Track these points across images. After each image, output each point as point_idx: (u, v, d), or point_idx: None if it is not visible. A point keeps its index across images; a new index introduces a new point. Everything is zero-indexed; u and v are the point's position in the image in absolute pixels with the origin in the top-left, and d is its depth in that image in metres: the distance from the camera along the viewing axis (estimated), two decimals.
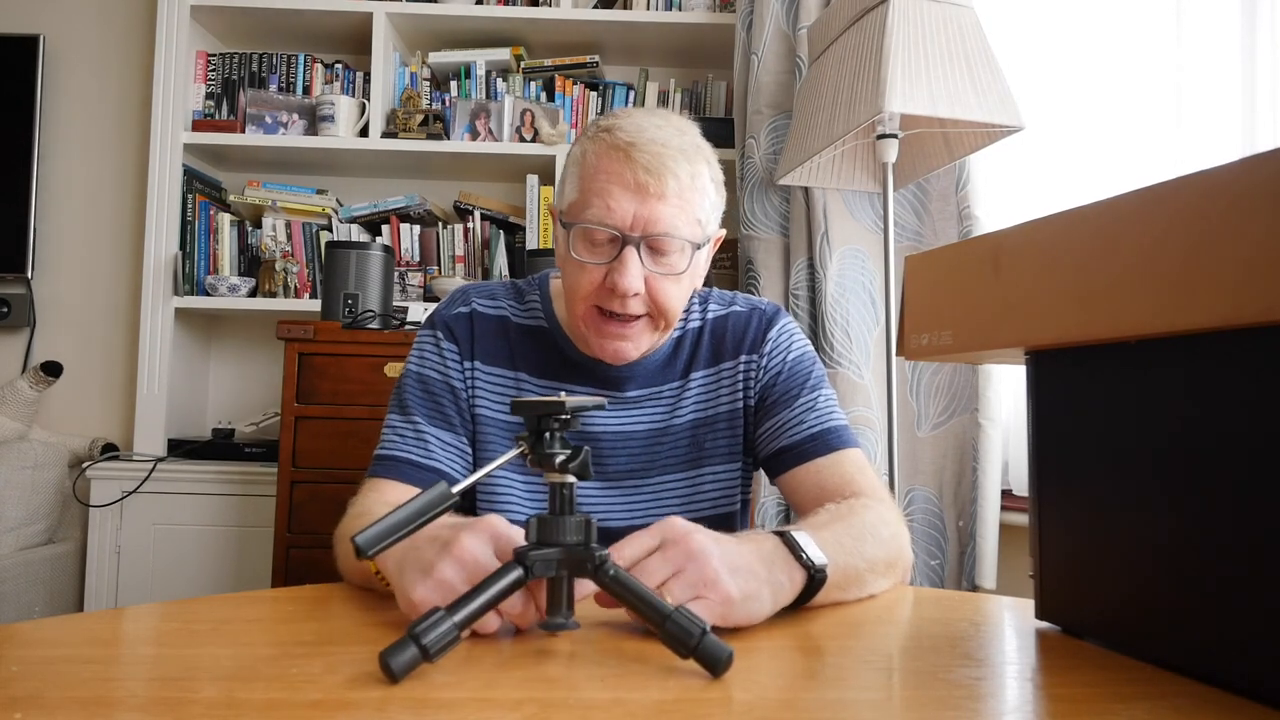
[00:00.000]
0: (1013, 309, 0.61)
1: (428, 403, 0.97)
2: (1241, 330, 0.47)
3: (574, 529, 0.57)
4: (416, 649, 0.50)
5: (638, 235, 0.87)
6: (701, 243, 0.92)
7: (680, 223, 0.88)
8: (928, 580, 1.83)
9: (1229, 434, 0.51)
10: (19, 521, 2.05)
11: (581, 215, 0.89)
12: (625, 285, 0.87)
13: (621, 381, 1.00)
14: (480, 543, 0.60)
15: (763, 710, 0.48)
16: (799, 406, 0.99)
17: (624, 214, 0.87)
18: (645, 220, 0.87)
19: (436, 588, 0.58)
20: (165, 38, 2.31)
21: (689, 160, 0.88)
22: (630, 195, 0.87)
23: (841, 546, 0.73)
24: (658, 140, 0.87)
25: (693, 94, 2.49)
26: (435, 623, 0.52)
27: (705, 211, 0.92)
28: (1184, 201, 0.50)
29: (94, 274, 2.48)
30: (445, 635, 0.51)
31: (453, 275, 2.36)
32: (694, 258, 0.91)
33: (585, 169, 0.90)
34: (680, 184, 0.87)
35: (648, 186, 0.86)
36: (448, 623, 0.52)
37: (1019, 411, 1.74)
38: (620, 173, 0.87)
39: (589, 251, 0.89)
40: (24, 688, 0.49)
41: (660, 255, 0.89)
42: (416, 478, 0.92)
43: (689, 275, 0.93)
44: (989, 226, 1.79)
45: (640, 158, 0.86)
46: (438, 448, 0.95)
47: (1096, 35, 1.71)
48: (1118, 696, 0.51)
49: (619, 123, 0.89)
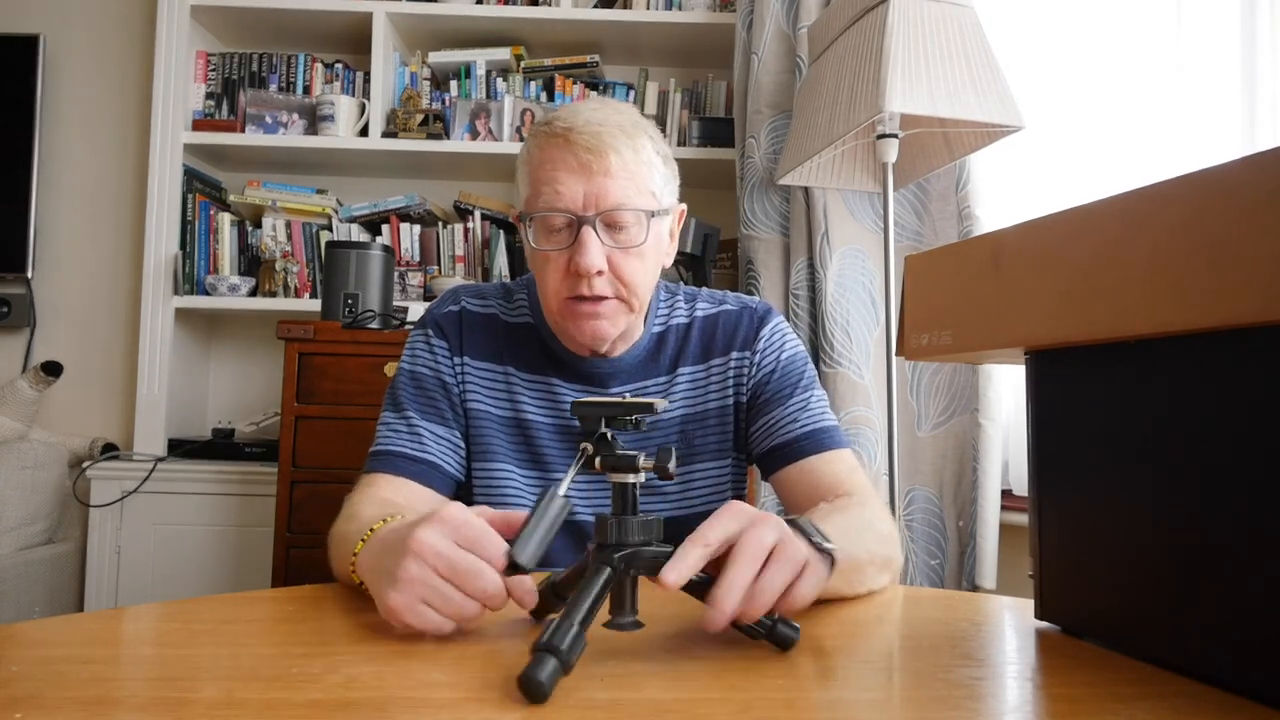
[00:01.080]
0: (1013, 309, 0.62)
1: (420, 398, 0.99)
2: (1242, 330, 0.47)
3: (648, 529, 0.57)
4: (554, 659, 0.49)
5: (592, 213, 0.89)
6: (656, 211, 0.93)
7: (630, 194, 0.90)
8: (928, 580, 1.83)
9: (1229, 434, 0.51)
10: (19, 521, 2.05)
11: (536, 205, 0.92)
12: (587, 264, 0.89)
13: (604, 377, 1.01)
14: (436, 534, 0.60)
15: (763, 710, 0.48)
16: (793, 405, 0.99)
17: (573, 195, 0.89)
18: (595, 197, 0.89)
19: (406, 587, 0.58)
20: (165, 38, 2.31)
21: (628, 135, 0.90)
22: (576, 176, 0.89)
23: (846, 536, 0.72)
24: (594, 121, 0.89)
25: (693, 94, 2.49)
26: (558, 629, 0.50)
27: (656, 184, 0.93)
28: (1184, 201, 0.50)
29: (94, 274, 2.48)
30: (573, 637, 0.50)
31: (453, 275, 2.36)
32: (650, 227, 0.93)
33: (531, 163, 0.93)
34: (623, 159, 0.89)
35: (590, 165, 0.88)
36: (571, 627, 0.51)
37: (1019, 411, 1.74)
38: (563, 158, 0.89)
39: (548, 239, 0.92)
40: (24, 688, 0.49)
41: (617, 230, 0.91)
42: (411, 470, 0.93)
43: (651, 249, 0.94)
44: (989, 226, 1.79)
45: (580, 139, 0.88)
46: (431, 441, 0.96)
47: (1096, 35, 1.71)
48: (1118, 696, 0.51)
49: (557, 114, 0.92)
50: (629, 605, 0.58)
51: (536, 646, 0.50)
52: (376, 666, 0.54)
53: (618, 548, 0.56)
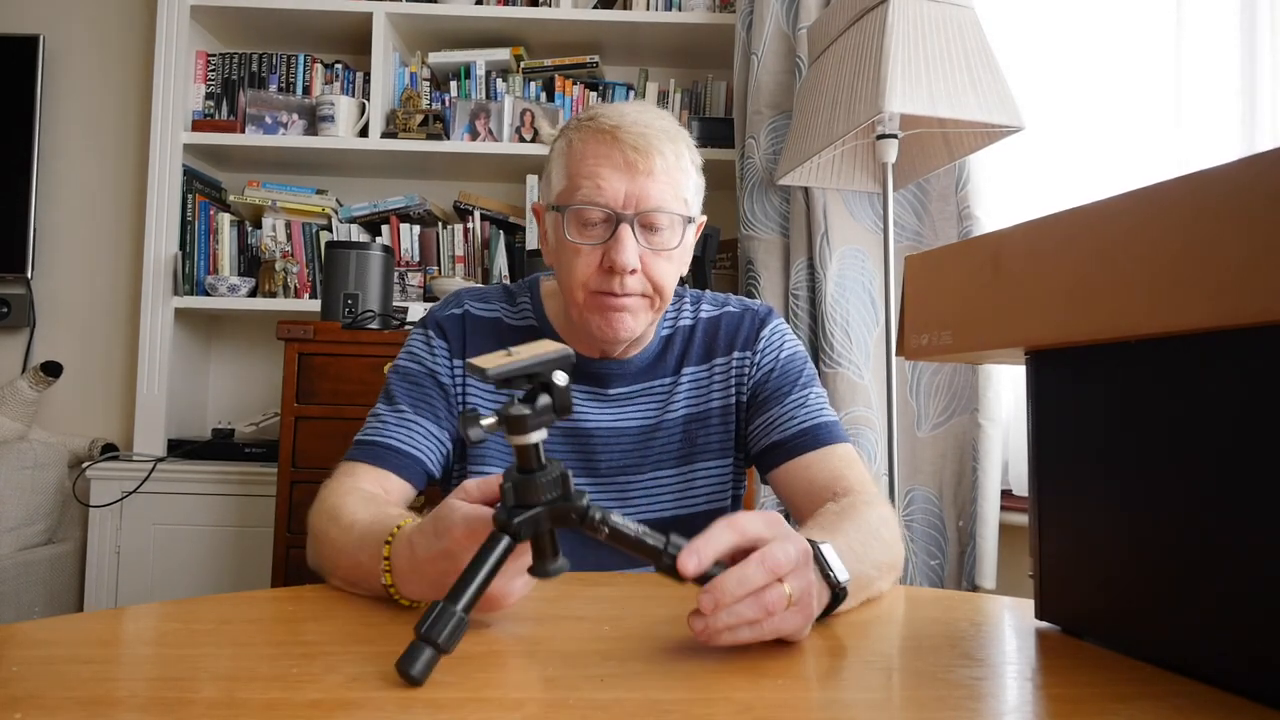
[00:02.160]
0: (1013, 309, 0.62)
1: (414, 392, 0.98)
2: (1241, 330, 0.47)
3: (551, 486, 0.55)
4: (430, 648, 0.50)
5: (630, 212, 0.90)
6: (691, 218, 0.95)
7: (669, 198, 0.91)
8: (928, 580, 1.83)
9: (1229, 434, 0.51)
10: (19, 521, 2.05)
11: (574, 198, 0.91)
12: (623, 261, 0.89)
13: (610, 379, 1.01)
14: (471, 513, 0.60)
15: (762, 710, 0.48)
16: (790, 403, 1.00)
17: (615, 192, 0.89)
18: (637, 197, 0.89)
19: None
20: (165, 38, 2.31)
21: (672, 140, 0.92)
22: (620, 174, 0.89)
23: (854, 554, 0.72)
24: (641, 122, 0.90)
25: (693, 94, 2.49)
26: (439, 616, 0.51)
27: (689, 191, 0.95)
28: (1184, 201, 0.50)
29: (94, 274, 2.48)
30: (454, 625, 0.51)
31: (452, 275, 2.36)
32: (684, 235, 0.94)
33: (572, 156, 0.92)
34: (666, 162, 0.90)
35: (636, 164, 0.89)
36: (450, 612, 0.51)
37: (1019, 411, 1.74)
38: (609, 154, 0.89)
39: (582, 234, 0.91)
40: (24, 688, 0.49)
41: (653, 232, 0.92)
42: (394, 463, 0.92)
43: (680, 253, 0.95)
44: (989, 226, 1.79)
45: (627, 138, 0.89)
46: (420, 434, 0.95)
47: (1096, 35, 1.71)
48: (1118, 696, 0.51)
49: (601, 111, 0.92)
50: (550, 552, 0.56)
51: (417, 633, 0.50)
52: (376, 666, 0.54)
53: (518, 510, 0.55)
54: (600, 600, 0.75)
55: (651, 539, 0.57)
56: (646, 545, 0.57)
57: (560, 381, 0.54)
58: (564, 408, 0.55)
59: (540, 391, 0.54)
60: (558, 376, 0.54)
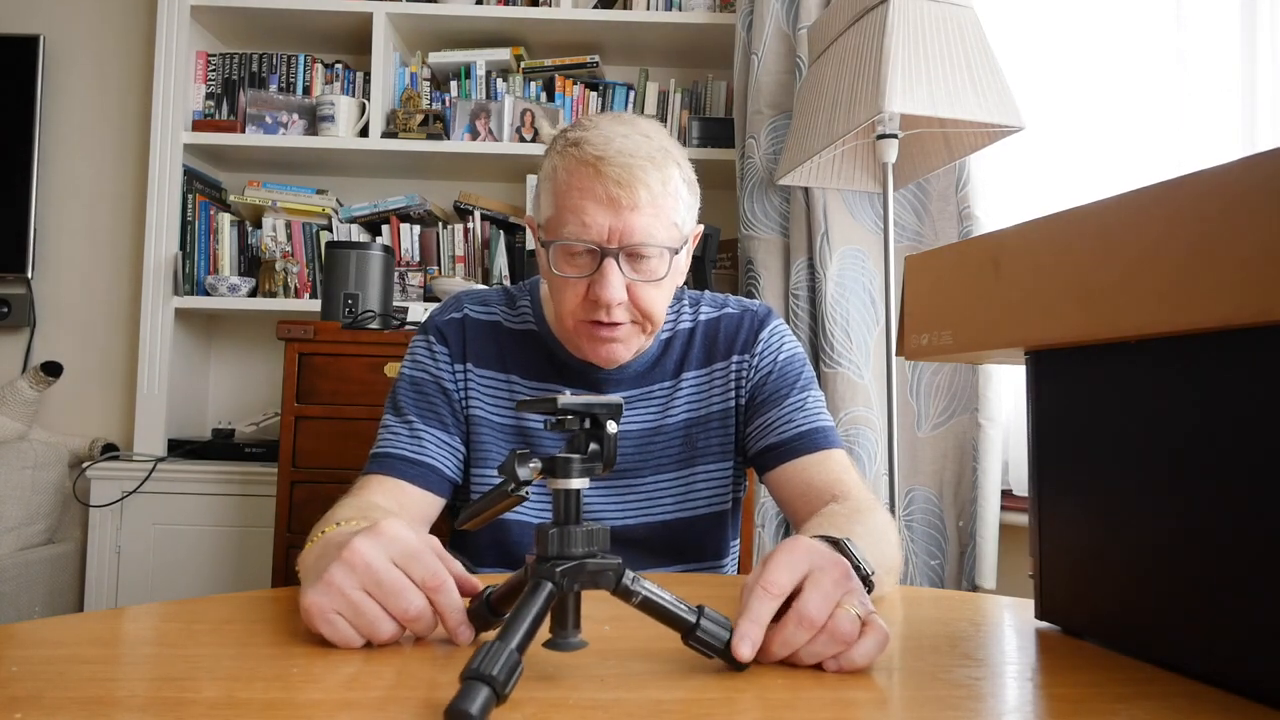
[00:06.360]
0: (1013, 309, 0.62)
1: (421, 403, 0.99)
2: (1242, 330, 0.47)
3: (591, 539, 0.53)
4: (489, 690, 0.44)
5: (615, 247, 0.88)
6: (679, 246, 0.93)
7: (656, 229, 0.89)
8: (928, 580, 1.83)
9: (1229, 434, 0.51)
10: (19, 521, 2.05)
11: (559, 233, 0.90)
12: (608, 296, 0.89)
13: (609, 384, 1.01)
14: (373, 546, 0.58)
15: (763, 710, 0.48)
16: (789, 405, 1.00)
17: (599, 228, 0.88)
18: (621, 232, 0.88)
19: (325, 590, 0.57)
20: (165, 38, 2.31)
21: (658, 167, 0.88)
22: (604, 209, 0.87)
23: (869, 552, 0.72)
24: (625, 151, 0.87)
25: (693, 94, 2.49)
26: (493, 655, 0.46)
27: (680, 214, 0.93)
28: (1184, 201, 0.50)
29: (94, 274, 2.48)
30: (511, 666, 0.46)
31: (453, 275, 2.36)
32: (673, 262, 0.92)
33: (558, 185, 0.91)
34: (652, 193, 0.88)
35: (620, 199, 0.87)
36: (506, 652, 0.46)
37: (1019, 411, 1.74)
38: (591, 188, 0.87)
39: (570, 266, 0.91)
40: (24, 688, 0.49)
41: (639, 262, 0.90)
42: (409, 473, 0.94)
43: (670, 279, 0.94)
44: (989, 226, 1.79)
45: (610, 171, 0.86)
46: (431, 444, 0.97)
47: (1096, 35, 1.71)
48: (1118, 696, 0.51)
49: (586, 135, 0.89)
50: (572, 622, 0.52)
51: (466, 673, 0.45)
52: (376, 666, 0.54)
53: (559, 560, 0.51)
54: (601, 600, 0.75)
55: (684, 612, 0.54)
56: (678, 618, 0.54)
57: (612, 430, 0.53)
58: (610, 460, 0.53)
59: (589, 439, 0.53)
60: (610, 426, 0.53)
